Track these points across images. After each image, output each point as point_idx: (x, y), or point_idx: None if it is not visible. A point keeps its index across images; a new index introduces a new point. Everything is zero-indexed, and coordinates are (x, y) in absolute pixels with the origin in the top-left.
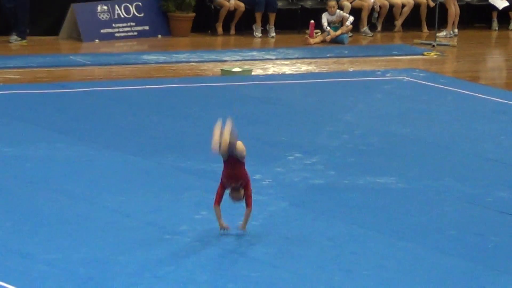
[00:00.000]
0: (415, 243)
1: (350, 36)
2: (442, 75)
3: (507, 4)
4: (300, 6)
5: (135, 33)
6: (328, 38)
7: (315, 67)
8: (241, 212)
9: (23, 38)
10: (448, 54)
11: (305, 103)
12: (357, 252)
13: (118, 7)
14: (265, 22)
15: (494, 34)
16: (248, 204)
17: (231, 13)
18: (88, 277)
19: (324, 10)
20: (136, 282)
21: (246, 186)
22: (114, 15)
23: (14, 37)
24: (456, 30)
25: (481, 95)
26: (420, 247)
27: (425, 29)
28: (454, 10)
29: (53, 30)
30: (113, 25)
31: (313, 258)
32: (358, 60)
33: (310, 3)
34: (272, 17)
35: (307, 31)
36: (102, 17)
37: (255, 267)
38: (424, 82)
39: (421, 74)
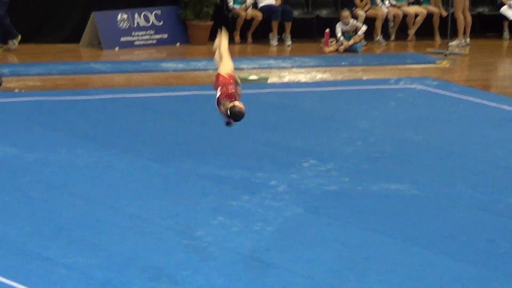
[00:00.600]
0: (427, 249)
1: (364, 45)
2: (454, 84)
3: None
4: (315, 16)
5: (154, 41)
6: (341, 48)
7: (329, 75)
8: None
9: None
10: (460, 63)
11: (320, 110)
12: (370, 257)
13: (138, 15)
14: (281, 31)
15: (505, 43)
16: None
17: (248, 22)
18: (106, 281)
19: (340, 19)
20: (154, 286)
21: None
22: (133, 24)
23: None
24: (468, 40)
25: (492, 103)
26: (432, 253)
27: (437, 38)
28: (462, 19)
29: (74, 37)
30: (133, 33)
31: (328, 263)
32: (372, 69)
33: (326, 12)
34: (288, 26)
35: (322, 40)
36: (122, 26)
37: (270, 272)
38: (436, 91)
39: (434, 83)
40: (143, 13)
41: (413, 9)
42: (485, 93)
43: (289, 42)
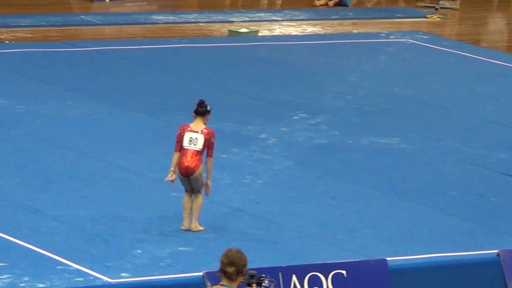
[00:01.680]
0: (416, 203)
1: None
2: (444, 38)
3: None
4: None
5: None
6: (330, 3)
7: (320, 29)
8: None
9: None
10: (451, 17)
11: (310, 64)
12: (360, 211)
13: None
14: None
15: None
16: (210, 154)
17: None
18: (96, 233)
19: None
20: (143, 238)
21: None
22: None
23: None
24: None
25: (482, 58)
26: (421, 207)
27: None
28: None
29: None
30: None
31: (317, 216)
32: (362, 22)
33: None
34: None
35: None
36: None
37: (260, 225)
38: (427, 45)
39: (424, 37)
40: None
41: None
42: (475, 48)
43: None
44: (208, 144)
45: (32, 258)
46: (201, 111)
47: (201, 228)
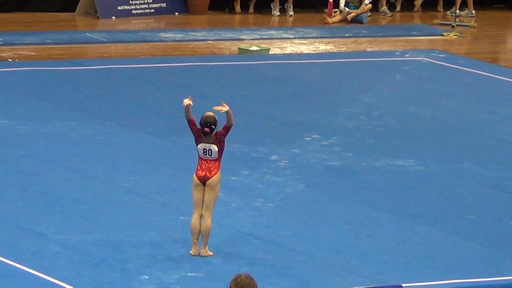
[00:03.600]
0: (432, 227)
1: (369, 16)
2: (461, 56)
3: None
4: None
5: (152, 10)
6: (349, 17)
7: (333, 47)
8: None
9: None
10: (468, 35)
11: (323, 83)
12: (374, 235)
13: None
14: (283, 0)
15: None
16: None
17: None
18: (101, 258)
19: None
20: (150, 264)
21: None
22: None
23: None
24: (473, 12)
25: (501, 77)
26: (438, 231)
27: (440, 7)
28: None
29: (69, 6)
30: (130, 1)
31: (330, 241)
32: (377, 40)
33: None
34: None
35: (326, 10)
36: None
37: (271, 250)
38: (443, 63)
39: (440, 55)
40: None
41: None
42: (493, 66)
43: (291, 12)
44: (220, 140)
45: (36, 284)
46: (207, 133)
47: (211, 253)
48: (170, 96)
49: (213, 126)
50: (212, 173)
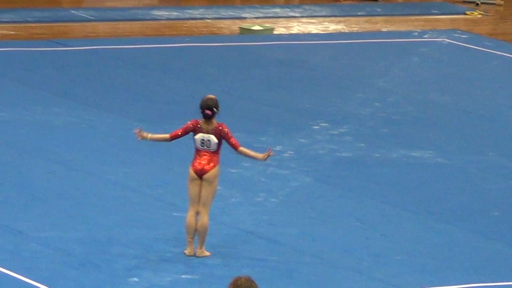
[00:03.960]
0: (454, 226)
1: None
2: (486, 37)
3: None
4: None
5: None
6: None
7: (344, 27)
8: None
9: None
10: (493, 14)
11: (333, 66)
12: (389, 234)
13: None
14: None
15: None
16: (236, 144)
17: None
18: (86, 258)
19: None
20: (140, 265)
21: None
22: None
23: None
24: None
25: None
26: (460, 230)
27: None
28: None
29: None
30: None
31: (339, 240)
32: (393, 19)
33: None
34: None
35: None
36: None
37: (274, 250)
38: (466, 45)
39: (463, 36)
40: None
41: None
42: None
43: None
44: (223, 138)
45: (13, 286)
46: (209, 116)
47: (207, 253)
48: (163, 80)
49: (214, 109)
50: (210, 165)
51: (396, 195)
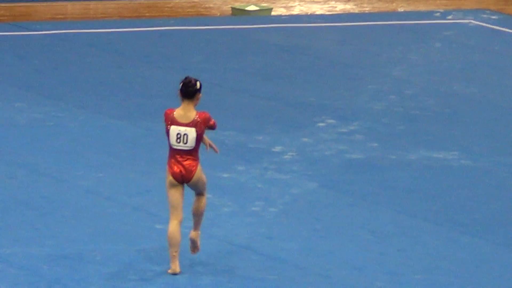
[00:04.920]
0: (482, 239)
1: None
2: None
3: None
4: None
5: None
6: None
7: (354, 6)
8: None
9: None
10: None
11: (341, 53)
12: (406, 249)
13: None
14: None
15: None
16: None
17: None
18: (54, 278)
19: None
20: (117, 285)
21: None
22: None
23: None
24: None
25: None
26: (489, 244)
27: None
28: None
29: None
30: None
31: (349, 256)
32: None
33: None
34: None
35: None
36: None
37: (273, 267)
38: (496, 27)
39: (493, 17)
40: None
41: None
42: None
43: None
44: (204, 125)
45: None
46: (190, 91)
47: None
48: (143, 70)
49: (198, 83)
50: (192, 172)
51: (415, 203)
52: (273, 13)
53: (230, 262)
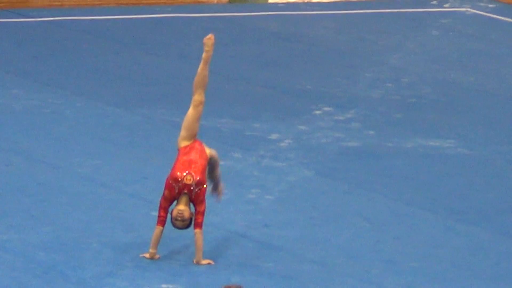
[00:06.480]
0: (478, 227)
1: None
2: None
3: None
4: None
5: None
6: None
7: None
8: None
9: None
10: None
11: (338, 41)
12: (402, 237)
13: None
14: None
15: None
16: (198, 224)
17: None
18: (50, 265)
19: None
20: (114, 272)
21: (203, 192)
22: None
23: None
24: None
25: None
26: (485, 232)
27: None
28: None
29: None
30: None
31: (345, 244)
32: None
33: None
34: None
35: None
36: None
37: (269, 255)
38: (493, 16)
39: (490, 5)
40: None
41: None
42: None
43: None
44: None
45: None
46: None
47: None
48: (140, 57)
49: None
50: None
51: (411, 191)
52: (270, 0)
53: (226, 249)
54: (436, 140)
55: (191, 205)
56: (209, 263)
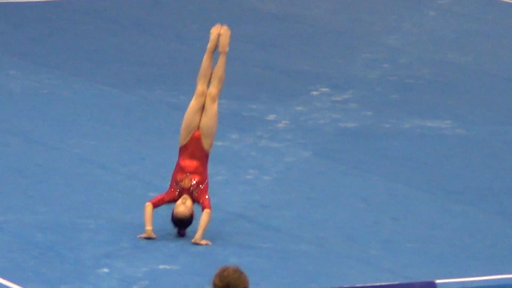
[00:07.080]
0: (475, 207)
1: None
2: None
3: None
4: None
5: None
6: None
7: None
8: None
9: None
10: None
11: (335, 21)
12: (400, 218)
13: None
14: None
15: None
16: (206, 205)
17: None
18: (48, 246)
19: None
20: (110, 253)
21: (203, 190)
22: None
23: None
24: None
25: None
26: (483, 213)
27: None
28: None
29: None
30: None
31: (343, 224)
32: None
33: None
34: None
35: None
36: None
37: (267, 236)
38: None
39: None
40: None
41: None
42: None
43: None
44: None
45: None
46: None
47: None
48: (137, 38)
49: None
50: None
51: (409, 172)
52: None
53: (224, 230)
54: (433, 121)
55: (194, 204)
56: (207, 244)
